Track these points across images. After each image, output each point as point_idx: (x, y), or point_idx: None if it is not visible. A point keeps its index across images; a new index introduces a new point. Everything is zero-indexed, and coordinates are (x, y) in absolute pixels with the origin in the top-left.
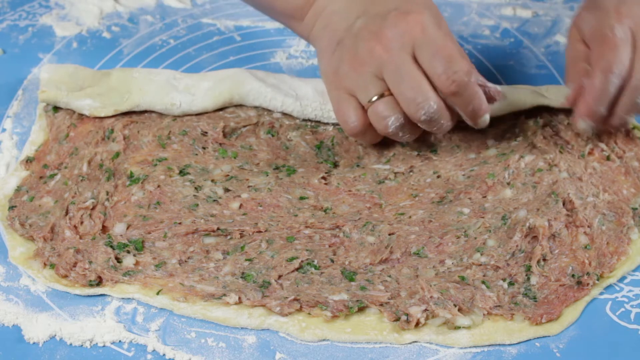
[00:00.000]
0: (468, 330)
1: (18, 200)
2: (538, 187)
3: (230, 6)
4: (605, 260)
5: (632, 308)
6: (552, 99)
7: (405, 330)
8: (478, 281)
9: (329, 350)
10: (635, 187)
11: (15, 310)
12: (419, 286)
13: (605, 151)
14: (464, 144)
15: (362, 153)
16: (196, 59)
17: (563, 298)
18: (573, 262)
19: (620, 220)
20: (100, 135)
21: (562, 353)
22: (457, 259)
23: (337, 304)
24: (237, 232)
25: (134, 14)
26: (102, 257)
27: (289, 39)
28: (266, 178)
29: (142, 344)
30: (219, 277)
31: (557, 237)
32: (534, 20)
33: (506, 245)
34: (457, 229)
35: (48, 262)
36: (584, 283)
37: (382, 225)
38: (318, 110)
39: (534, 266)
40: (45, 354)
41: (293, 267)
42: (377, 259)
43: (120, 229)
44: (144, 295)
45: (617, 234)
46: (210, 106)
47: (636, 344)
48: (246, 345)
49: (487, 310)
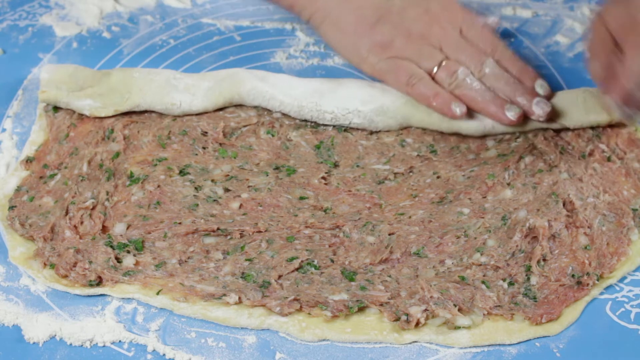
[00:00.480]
0: (468, 330)
1: (18, 200)
2: (538, 187)
3: (230, 6)
4: (605, 261)
5: (632, 308)
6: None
7: (405, 330)
8: (478, 281)
9: (329, 350)
10: (636, 188)
11: (15, 310)
12: (419, 286)
13: (606, 152)
14: (464, 145)
15: (362, 153)
16: (196, 59)
17: (563, 298)
18: (573, 263)
19: (620, 221)
20: (100, 135)
21: (562, 353)
22: (457, 259)
23: (337, 304)
24: (237, 232)
25: (134, 14)
26: (102, 257)
27: (289, 39)
28: (266, 178)
29: (142, 344)
30: (219, 277)
31: (557, 238)
32: (534, 20)
33: (506, 246)
34: (457, 229)
35: (48, 262)
36: (584, 283)
37: (382, 225)
38: (314, 111)
39: (534, 266)
40: (45, 354)
41: (293, 267)
42: (377, 259)
43: (120, 229)
44: (144, 295)
45: (617, 234)
46: (211, 106)
47: (636, 344)
48: (246, 345)
49: (487, 310)
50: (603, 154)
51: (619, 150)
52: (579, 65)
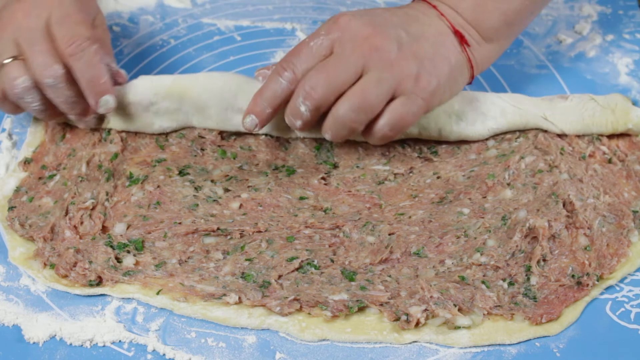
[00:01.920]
0: (468, 330)
1: (17, 200)
2: (538, 188)
3: (230, 6)
4: (605, 262)
5: (632, 308)
6: (556, 123)
7: (405, 330)
8: (478, 281)
9: (329, 350)
10: (637, 190)
11: (15, 310)
12: (419, 286)
13: (607, 154)
14: (464, 145)
15: (362, 154)
16: (196, 59)
17: (563, 298)
18: (573, 263)
19: (620, 223)
20: (97, 137)
21: (562, 353)
22: (457, 259)
23: (337, 303)
24: (237, 232)
25: (134, 14)
26: (102, 257)
27: (289, 39)
28: (266, 178)
29: (142, 343)
30: (219, 277)
31: (557, 238)
32: (534, 20)
33: (506, 246)
34: (457, 229)
35: (48, 262)
36: (584, 283)
37: (382, 225)
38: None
39: (533, 266)
40: (45, 354)
41: (293, 267)
42: (377, 258)
43: (120, 229)
44: (144, 295)
45: (617, 236)
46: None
47: (636, 344)
48: (246, 345)
49: (487, 310)
50: (604, 155)
51: (620, 152)
52: (579, 65)
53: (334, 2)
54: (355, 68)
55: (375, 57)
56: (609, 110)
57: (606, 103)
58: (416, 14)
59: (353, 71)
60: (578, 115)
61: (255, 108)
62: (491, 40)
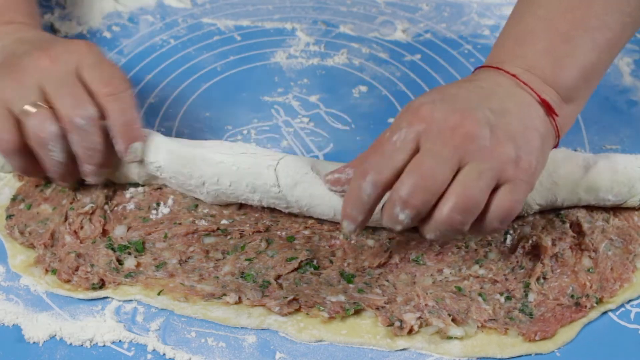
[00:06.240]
0: (460, 340)
1: (15, 209)
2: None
3: (230, 6)
4: (607, 285)
5: (632, 308)
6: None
7: (398, 336)
8: (475, 293)
9: (329, 350)
10: None
11: (15, 310)
12: (415, 293)
13: None
14: None
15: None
16: (196, 58)
17: (559, 317)
18: (574, 283)
19: (627, 247)
20: None
21: (562, 353)
22: (455, 269)
23: (334, 305)
24: (236, 232)
25: (134, 14)
26: (104, 259)
27: (289, 38)
28: None
29: (142, 343)
30: (219, 276)
31: (559, 258)
32: None
33: (507, 260)
34: (458, 240)
35: (50, 268)
36: (582, 304)
37: (383, 229)
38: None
39: (532, 283)
40: (45, 354)
41: (292, 267)
42: (376, 262)
43: (121, 231)
44: (146, 297)
45: (623, 260)
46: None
47: (636, 344)
48: (246, 345)
49: (482, 322)
50: None
51: None
52: None
53: (334, 2)
54: (451, 164)
55: (470, 147)
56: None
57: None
58: (491, 87)
59: (449, 168)
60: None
61: (348, 217)
62: (571, 101)
